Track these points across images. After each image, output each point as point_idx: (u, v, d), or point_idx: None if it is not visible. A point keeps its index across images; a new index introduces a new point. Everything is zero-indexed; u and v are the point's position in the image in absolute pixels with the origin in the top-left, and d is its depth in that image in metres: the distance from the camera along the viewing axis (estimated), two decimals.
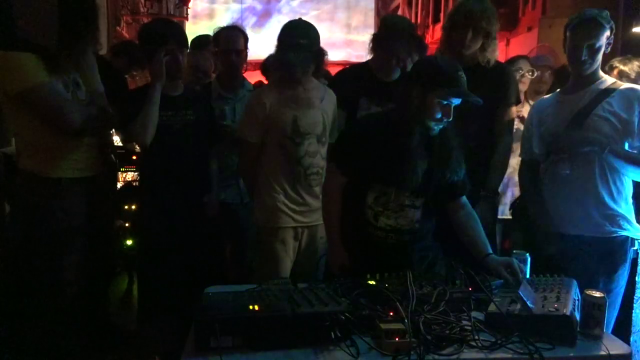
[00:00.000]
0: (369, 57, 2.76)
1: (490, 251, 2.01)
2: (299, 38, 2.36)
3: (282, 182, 2.43)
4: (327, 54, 2.55)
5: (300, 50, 2.34)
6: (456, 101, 1.95)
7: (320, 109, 2.47)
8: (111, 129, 2.76)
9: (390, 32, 2.61)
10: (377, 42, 2.67)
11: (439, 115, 1.94)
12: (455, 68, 1.93)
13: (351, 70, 2.91)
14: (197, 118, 2.51)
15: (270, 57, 3.67)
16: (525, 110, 3.11)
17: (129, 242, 3.41)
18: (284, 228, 2.45)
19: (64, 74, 2.37)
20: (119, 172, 3.73)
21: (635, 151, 2.17)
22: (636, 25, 4.53)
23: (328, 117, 2.50)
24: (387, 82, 2.68)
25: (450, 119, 1.96)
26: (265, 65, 3.80)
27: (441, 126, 1.98)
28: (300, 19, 2.54)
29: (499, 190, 2.71)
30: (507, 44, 7.17)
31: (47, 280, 2.46)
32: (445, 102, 1.93)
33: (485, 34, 2.47)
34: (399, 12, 14.97)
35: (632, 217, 2.22)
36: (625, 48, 4.24)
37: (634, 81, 2.55)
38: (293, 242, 2.49)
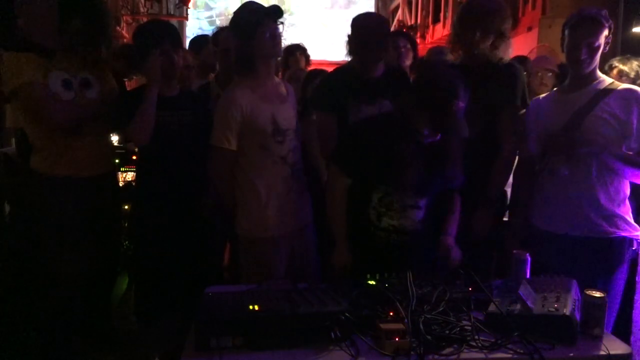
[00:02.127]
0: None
1: (450, 233, 2.11)
2: (257, 4, 2.24)
3: (271, 187, 2.28)
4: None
5: (274, 10, 2.21)
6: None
7: (290, 102, 2.40)
8: (113, 130, 2.78)
9: (362, 38, 2.52)
10: (351, 46, 2.59)
11: (426, 132, 1.97)
12: (452, 96, 1.88)
13: (335, 73, 2.80)
14: (194, 118, 2.51)
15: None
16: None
17: (128, 242, 3.41)
18: (277, 236, 2.31)
19: (67, 74, 2.41)
20: (119, 172, 3.72)
21: (633, 152, 2.16)
22: (636, 25, 4.52)
23: (296, 111, 2.42)
24: (371, 80, 2.61)
25: (438, 138, 1.97)
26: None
27: (430, 140, 1.99)
28: None
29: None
30: None
31: (43, 276, 2.48)
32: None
33: (498, 34, 2.43)
34: (399, 12, 14.95)
35: (629, 217, 2.21)
36: (625, 48, 4.24)
37: (633, 81, 2.54)
38: (286, 247, 2.37)
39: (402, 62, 3.34)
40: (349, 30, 2.61)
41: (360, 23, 2.58)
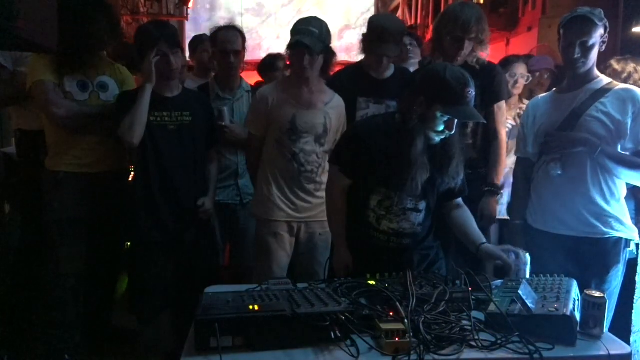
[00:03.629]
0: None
1: (484, 240, 2.03)
2: (310, 25, 2.40)
3: (278, 177, 2.50)
4: (336, 55, 2.53)
5: (312, 36, 2.36)
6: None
7: (322, 112, 2.49)
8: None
9: (379, 35, 2.59)
10: (367, 44, 2.67)
11: (441, 129, 1.92)
12: (463, 85, 1.86)
13: (345, 71, 2.91)
14: (193, 119, 2.51)
15: (268, 56, 3.71)
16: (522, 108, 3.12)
17: (129, 243, 3.41)
18: (276, 221, 2.51)
19: (84, 76, 2.54)
20: None
21: (628, 152, 2.16)
22: (636, 25, 4.52)
23: (331, 121, 2.51)
24: (381, 80, 2.71)
25: (453, 132, 1.94)
26: (262, 66, 3.81)
27: (442, 137, 1.96)
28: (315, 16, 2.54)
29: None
30: (507, 44, 7.16)
31: (45, 270, 2.52)
32: (448, 118, 1.90)
33: (478, 42, 2.53)
34: (399, 12, 14.94)
35: (625, 218, 2.21)
36: (625, 48, 4.23)
37: (624, 81, 2.54)
38: (288, 237, 2.54)
39: (408, 60, 3.36)
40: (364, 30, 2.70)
41: (377, 24, 2.64)
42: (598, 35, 2.15)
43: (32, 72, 2.48)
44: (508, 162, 2.86)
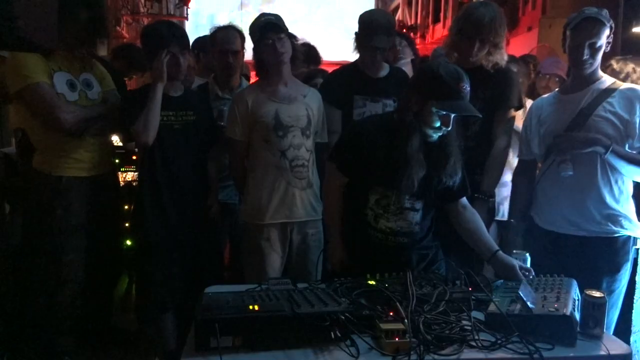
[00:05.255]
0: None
1: (497, 248, 2.02)
2: (266, 16, 2.44)
3: (268, 178, 2.44)
4: (297, 39, 2.54)
5: (272, 25, 2.39)
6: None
7: (303, 104, 2.49)
8: (116, 131, 2.78)
9: (368, 27, 2.60)
10: (359, 40, 2.67)
11: (437, 124, 1.93)
12: (457, 80, 1.88)
13: (341, 70, 2.91)
14: (197, 119, 2.52)
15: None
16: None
17: (129, 242, 3.41)
18: (268, 225, 2.45)
19: (70, 74, 2.44)
20: (119, 172, 3.72)
21: (635, 152, 2.16)
22: (636, 25, 4.52)
23: (313, 112, 2.50)
24: (376, 79, 2.70)
25: (450, 128, 1.94)
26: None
27: (440, 134, 1.96)
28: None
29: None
30: (507, 43, 7.20)
31: (46, 277, 2.48)
32: (443, 113, 1.91)
33: (493, 44, 2.45)
34: (399, 12, 14.98)
35: (632, 215, 2.22)
36: (625, 48, 4.24)
37: (622, 81, 2.54)
38: (281, 239, 2.49)
39: (399, 60, 3.35)
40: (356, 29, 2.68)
41: (366, 19, 2.64)
42: (605, 36, 2.15)
43: (19, 72, 2.32)
44: (511, 162, 2.83)
